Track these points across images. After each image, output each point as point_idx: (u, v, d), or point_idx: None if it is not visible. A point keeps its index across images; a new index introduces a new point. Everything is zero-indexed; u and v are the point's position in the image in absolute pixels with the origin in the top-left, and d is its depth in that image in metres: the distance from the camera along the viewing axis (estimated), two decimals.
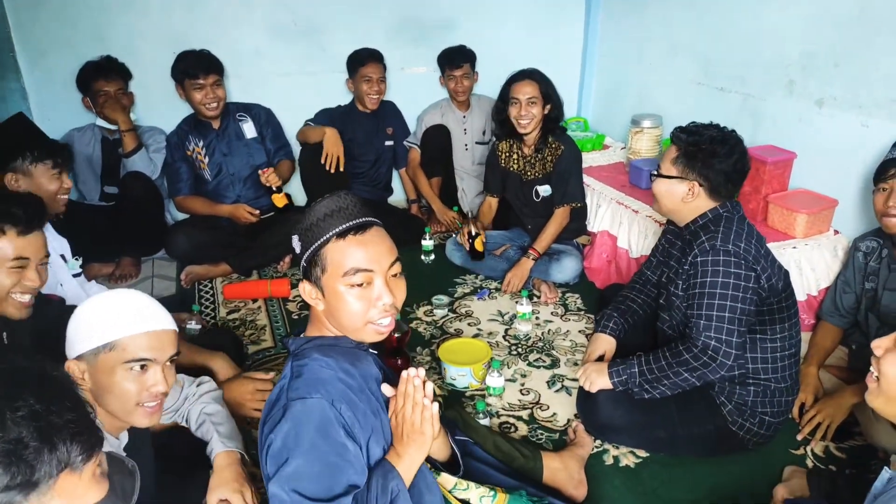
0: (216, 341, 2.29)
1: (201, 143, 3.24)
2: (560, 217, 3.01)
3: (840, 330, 2.30)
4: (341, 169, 3.35)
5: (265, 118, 3.40)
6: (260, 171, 3.17)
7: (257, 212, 3.26)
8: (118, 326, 1.29)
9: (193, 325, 2.52)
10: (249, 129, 3.35)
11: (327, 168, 3.35)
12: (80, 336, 1.29)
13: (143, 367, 1.30)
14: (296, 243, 1.31)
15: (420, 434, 1.27)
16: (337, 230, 1.25)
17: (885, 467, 1.14)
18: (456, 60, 3.50)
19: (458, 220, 3.57)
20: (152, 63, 3.33)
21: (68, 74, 3.15)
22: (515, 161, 3.09)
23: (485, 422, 2.10)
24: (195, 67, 3.08)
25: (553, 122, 2.94)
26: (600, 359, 2.18)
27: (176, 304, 2.73)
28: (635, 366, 1.93)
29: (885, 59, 2.37)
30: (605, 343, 2.18)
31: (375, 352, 1.41)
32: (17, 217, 1.60)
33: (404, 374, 1.30)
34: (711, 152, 1.88)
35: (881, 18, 2.36)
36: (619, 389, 1.96)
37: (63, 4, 3.19)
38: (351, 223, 1.26)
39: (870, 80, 2.44)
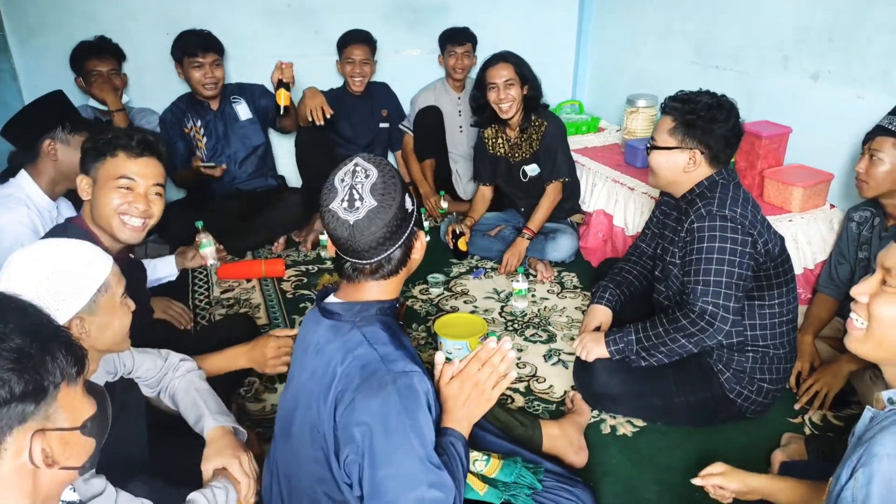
0: (233, 327, 2.27)
1: (199, 123, 3.22)
2: (552, 193, 2.99)
3: (836, 301, 2.30)
4: (328, 116, 3.16)
5: (259, 93, 3.36)
6: (278, 62, 3.06)
7: (215, 166, 3.13)
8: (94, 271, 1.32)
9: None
10: (244, 111, 3.32)
11: (313, 120, 3.15)
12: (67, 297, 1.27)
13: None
14: (409, 201, 1.24)
15: (487, 401, 1.27)
16: None
17: (868, 406, 1.13)
18: (458, 38, 3.49)
19: (440, 207, 3.53)
20: (145, 45, 3.30)
21: (59, 55, 3.11)
22: (501, 146, 3.07)
23: None
24: (195, 46, 3.06)
25: (533, 101, 2.92)
26: (597, 330, 2.17)
27: (171, 287, 2.70)
28: (632, 333, 1.92)
29: (879, 32, 2.37)
30: (602, 314, 2.17)
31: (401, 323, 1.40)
32: (128, 143, 1.73)
33: (491, 342, 1.28)
34: (711, 118, 1.87)
35: None
36: (616, 358, 1.94)
37: None
38: None
39: (864, 54, 2.44)
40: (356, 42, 3.39)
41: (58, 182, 2.19)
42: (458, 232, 3.08)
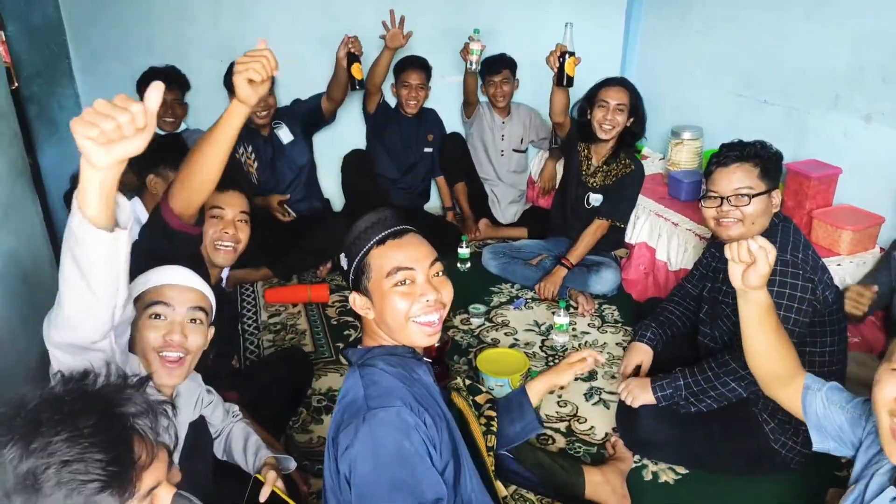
0: (286, 358, 2.35)
1: (251, 148, 3.30)
2: (597, 228, 2.98)
3: None
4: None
5: (290, 110, 3.42)
6: (345, 36, 3.18)
7: (292, 213, 3.30)
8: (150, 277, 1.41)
9: None
10: (285, 135, 3.38)
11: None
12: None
13: (157, 315, 1.39)
14: (343, 260, 1.38)
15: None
16: (377, 238, 1.33)
17: (892, 486, 1.12)
18: (495, 66, 3.51)
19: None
20: (200, 70, 3.39)
21: (119, 81, 3.22)
22: (583, 161, 3.06)
23: None
24: None
25: (632, 136, 2.91)
26: (637, 369, 2.17)
27: (220, 314, 2.78)
28: (680, 378, 1.92)
29: None
30: (642, 353, 2.18)
31: (429, 360, 1.43)
32: None
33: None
34: (777, 158, 1.91)
35: None
36: (663, 404, 1.94)
37: (116, 14, 3.27)
38: (388, 230, 1.34)
39: None
40: (413, 67, 3.45)
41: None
42: (567, 54, 2.86)
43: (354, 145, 3.68)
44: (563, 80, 2.86)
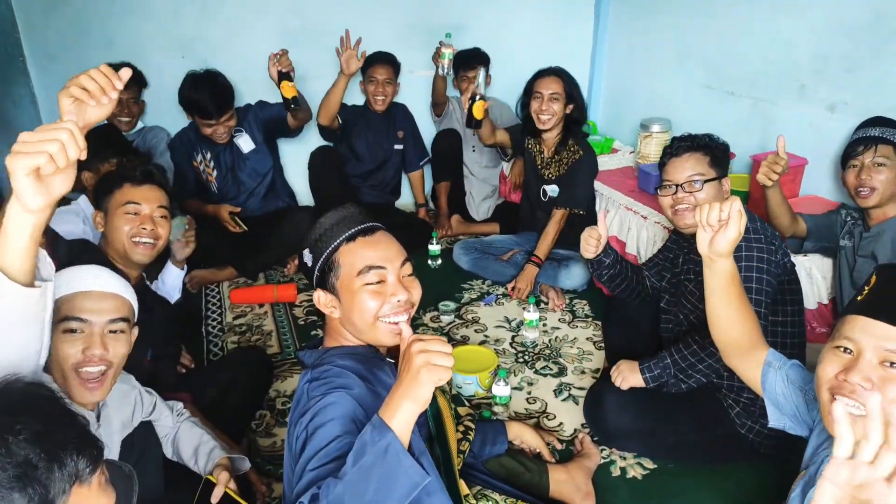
0: (244, 359, 2.30)
1: (209, 156, 3.19)
2: (557, 218, 2.97)
3: None
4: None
5: (253, 114, 3.26)
6: (270, 55, 2.95)
7: (242, 227, 3.17)
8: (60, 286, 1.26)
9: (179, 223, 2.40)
10: (246, 143, 3.24)
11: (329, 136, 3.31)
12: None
13: (73, 329, 1.25)
14: (307, 257, 1.34)
15: (413, 379, 1.04)
16: (346, 234, 1.30)
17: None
18: (469, 62, 3.48)
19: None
20: (160, 68, 3.33)
21: None
22: (537, 156, 3.08)
23: None
24: (208, 109, 2.96)
25: (575, 123, 2.92)
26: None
27: (181, 309, 2.71)
28: (667, 357, 1.93)
29: (893, 66, 2.33)
30: (599, 230, 2.13)
31: (393, 361, 1.40)
32: (131, 174, 1.95)
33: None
34: (726, 148, 2.02)
35: (894, 26, 2.33)
36: (652, 385, 1.94)
37: (73, 10, 3.20)
38: (359, 227, 1.31)
39: (882, 86, 2.40)
40: (380, 63, 3.40)
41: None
42: (477, 96, 2.91)
43: (322, 141, 3.63)
44: (471, 122, 2.96)
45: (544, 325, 2.80)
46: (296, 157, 3.63)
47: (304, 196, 3.65)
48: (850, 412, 1.06)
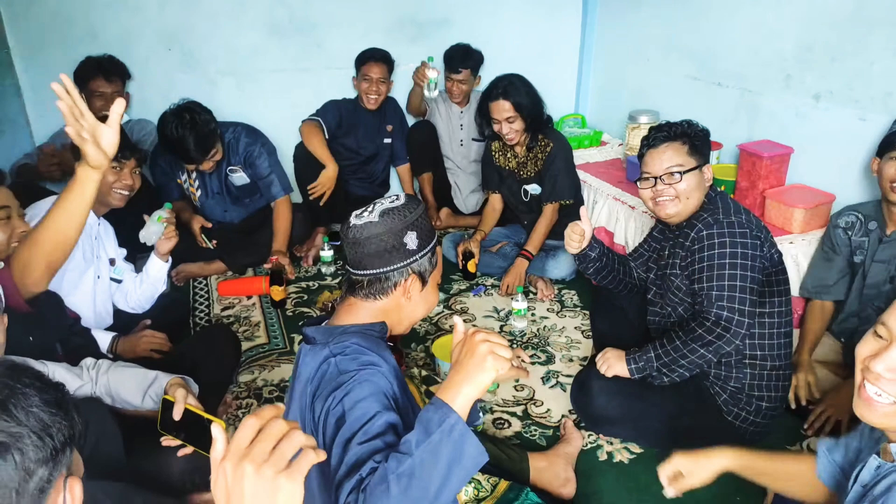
0: (211, 338, 2.28)
1: (194, 176, 3.12)
2: (549, 214, 2.99)
3: (830, 307, 2.29)
4: (321, 204, 3.34)
5: (251, 161, 3.13)
6: (270, 260, 3.01)
7: (209, 244, 3.13)
8: None
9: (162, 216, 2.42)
10: (240, 178, 3.17)
11: (310, 196, 3.32)
12: None
13: None
14: (413, 239, 1.29)
15: (478, 365, 1.08)
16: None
17: (874, 455, 1.12)
18: (454, 65, 3.46)
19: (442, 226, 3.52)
20: (147, 60, 3.33)
21: (63, 70, 3.10)
22: (510, 160, 3.08)
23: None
24: (190, 156, 2.85)
25: (536, 124, 2.92)
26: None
27: (168, 301, 2.70)
28: (651, 350, 1.93)
29: (881, 54, 2.36)
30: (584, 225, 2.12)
31: (391, 344, 1.41)
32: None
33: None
34: (705, 135, 1.98)
35: (877, 16, 2.35)
36: (637, 377, 1.95)
37: (56, 2, 3.18)
38: None
39: (866, 75, 2.42)
40: (375, 60, 3.39)
41: (101, 201, 2.27)
42: (468, 252, 3.06)
43: None
44: (467, 277, 3.12)
45: (533, 314, 2.81)
46: (283, 148, 3.62)
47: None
48: (872, 398, 1.07)
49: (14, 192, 1.86)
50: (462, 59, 3.46)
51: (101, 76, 3.03)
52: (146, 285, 2.45)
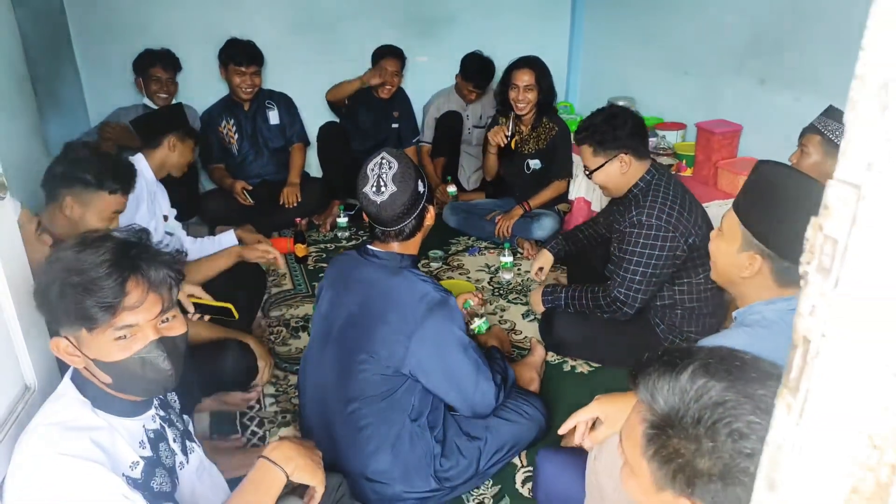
0: (240, 271, 2.71)
1: (232, 122, 3.74)
2: (558, 186, 3.47)
3: None
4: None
5: (286, 106, 3.89)
6: (295, 221, 3.63)
7: (250, 200, 3.66)
8: None
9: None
10: (274, 117, 3.84)
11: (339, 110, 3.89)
12: None
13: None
14: (422, 184, 1.69)
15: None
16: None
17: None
18: (477, 80, 3.87)
19: (450, 191, 3.94)
20: (190, 52, 3.81)
21: (116, 60, 3.66)
22: (516, 134, 3.50)
23: None
24: (241, 56, 3.59)
25: (546, 105, 3.37)
26: (540, 270, 2.75)
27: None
28: (561, 299, 2.46)
29: (814, 42, 2.80)
30: (544, 257, 2.73)
31: None
32: (128, 184, 2.09)
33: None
34: (613, 127, 2.25)
35: (808, 10, 2.80)
36: (547, 306, 2.50)
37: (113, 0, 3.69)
38: None
39: (800, 62, 2.87)
40: (391, 56, 3.85)
41: (162, 168, 2.76)
42: (510, 132, 3.40)
43: (330, 117, 4.09)
44: (507, 151, 3.49)
45: (518, 269, 3.27)
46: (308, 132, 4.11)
47: (314, 168, 4.12)
48: None
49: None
50: (481, 79, 3.88)
51: (159, 65, 3.56)
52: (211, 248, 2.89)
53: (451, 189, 3.94)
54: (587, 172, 2.37)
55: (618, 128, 2.24)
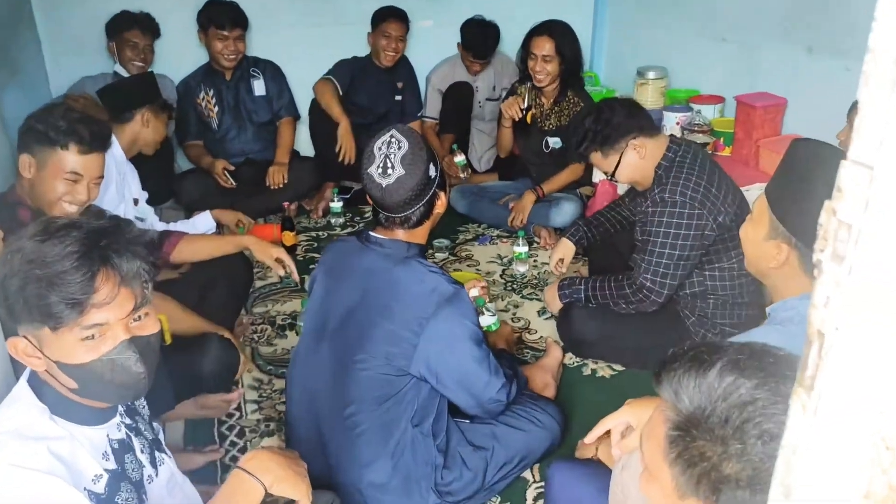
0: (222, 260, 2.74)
1: (212, 92, 3.75)
2: (575, 169, 3.45)
3: None
4: (348, 162, 3.78)
5: (273, 75, 3.88)
6: (283, 205, 3.66)
7: (232, 182, 3.67)
8: None
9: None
10: (259, 87, 3.83)
11: (342, 160, 3.79)
12: None
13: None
14: (433, 168, 1.71)
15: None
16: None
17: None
18: (480, 52, 3.88)
19: (458, 160, 3.91)
20: (166, 17, 3.80)
21: (81, 25, 3.69)
22: (535, 108, 3.51)
23: None
24: (223, 18, 3.57)
25: (571, 76, 3.37)
26: (560, 262, 2.76)
27: None
28: (582, 291, 2.48)
29: (865, 5, 2.79)
30: (565, 247, 2.73)
31: None
32: (83, 137, 2.00)
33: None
34: (607, 122, 2.31)
35: None
36: (565, 301, 2.52)
37: None
38: None
39: (851, 27, 2.86)
40: (395, 18, 3.84)
41: (133, 145, 2.80)
42: (526, 105, 3.42)
43: None
44: (521, 124, 3.52)
45: (534, 260, 3.29)
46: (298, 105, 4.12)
47: (306, 145, 4.14)
48: None
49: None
50: (481, 48, 3.88)
51: (137, 28, 3.58)
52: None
53: (460, 159, 3.87)
54: (610, 178, 2.44)
55: (611, 118, 2.31)
